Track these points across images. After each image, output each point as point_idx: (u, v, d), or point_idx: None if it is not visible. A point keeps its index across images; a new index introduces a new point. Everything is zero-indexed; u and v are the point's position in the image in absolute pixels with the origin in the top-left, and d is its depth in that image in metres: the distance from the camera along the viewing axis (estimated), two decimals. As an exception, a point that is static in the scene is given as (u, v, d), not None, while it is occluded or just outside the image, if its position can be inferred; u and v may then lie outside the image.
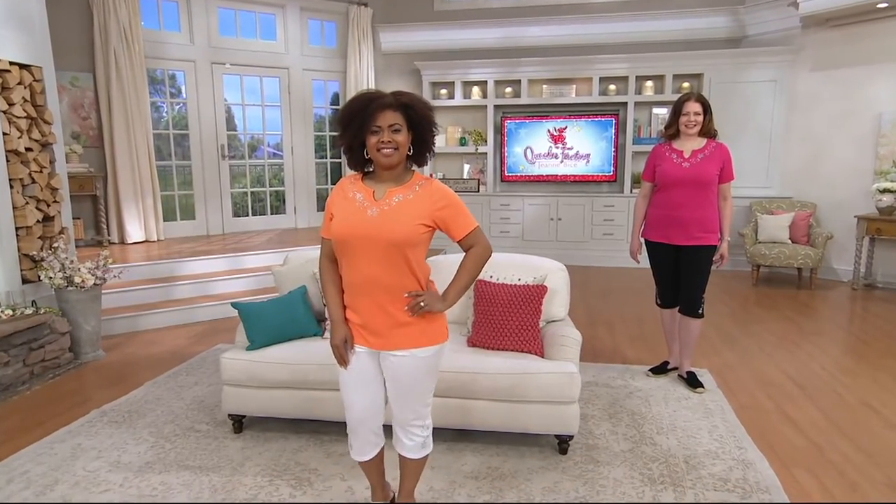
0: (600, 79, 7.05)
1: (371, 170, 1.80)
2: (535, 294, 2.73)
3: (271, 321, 2.77)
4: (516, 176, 7.42)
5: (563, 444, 2.57)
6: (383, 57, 7.73)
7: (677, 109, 3.22)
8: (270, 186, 7.44)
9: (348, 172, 1.90)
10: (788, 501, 2.19)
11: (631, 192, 7.04)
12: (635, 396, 3.18)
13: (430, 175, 7.48)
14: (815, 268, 5.84)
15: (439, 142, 7.64)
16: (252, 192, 7.31)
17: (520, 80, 7.21)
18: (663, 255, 3.31)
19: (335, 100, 7.82)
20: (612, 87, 7.08)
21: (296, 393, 2.66)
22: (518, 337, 2.68)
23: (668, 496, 2.23)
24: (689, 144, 3.23)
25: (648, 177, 3.36)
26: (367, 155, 1.73)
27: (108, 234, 6.06)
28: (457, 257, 2.19)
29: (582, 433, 2.72)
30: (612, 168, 7.14)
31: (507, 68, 7.21)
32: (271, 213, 7.42)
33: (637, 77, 6.96)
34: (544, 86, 7.26)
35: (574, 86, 7.21)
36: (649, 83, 7.00)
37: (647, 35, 7.04)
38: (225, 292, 5.16)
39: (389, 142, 1.67)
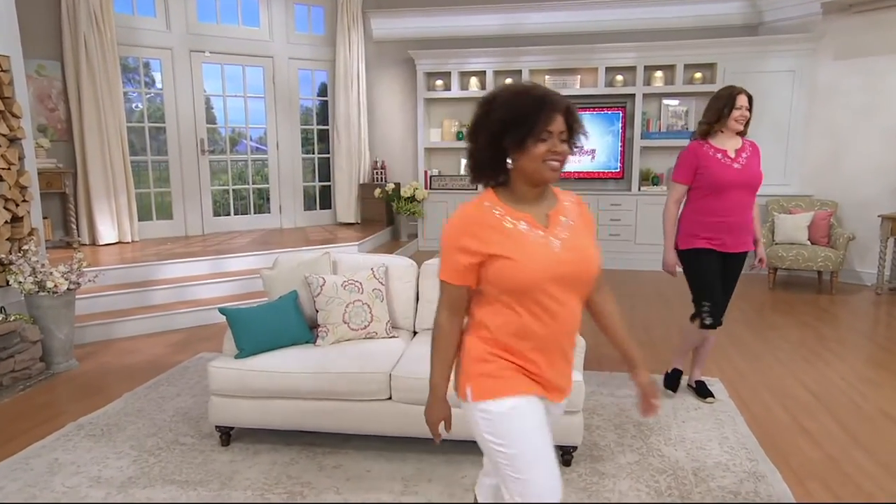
0: (606, 69, 7.18)
1: (495, 185, 1.58)
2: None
3: (262, 328, 2.86)
4: (517, 172, 7.52)
5: (566, 455, 2.67)
6: (375, 45, 7.83)
7: (730, 103, 3.12)
8: (254, 184, 7.53)
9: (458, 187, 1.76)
10: (789, 502, 2.30)
11: (639, 189, 7.17)
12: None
13: (426, 172, 7.61)
14: (836, 271, 5.97)
15: (434, 136, 7.77)
16: (234, 190, 7.40)
17: (520, 71, 7.33)
18: (715, 264, 3.18)
19: (322, 90, 7.92)
20: (619, 77, 7.21)
21: (288, 403, 2.75)
22: (520, 344, 2.77)
23: (676, 509, 2.34)
24: (731, 143, 3.20)
25: (687, 178, 3.21)
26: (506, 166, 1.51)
27: (79, 235, 6.13)
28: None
29: (586, 444, 2.82)
30: (618, 164, 7.27)
31: (507, 58, 7.33)
32: (255, 213, 7.51)
33: (646, 67, 7.09)
34: (547, 76, 7.38)
35: (578, 76, 7.33)
36: (659, 73, 7.13)
37: (657, 22, 7.18)
38: (206, 297, 5.25)
39: (560, 153, 1.48)
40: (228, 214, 7.37)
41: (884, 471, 2.64)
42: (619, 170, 7.28)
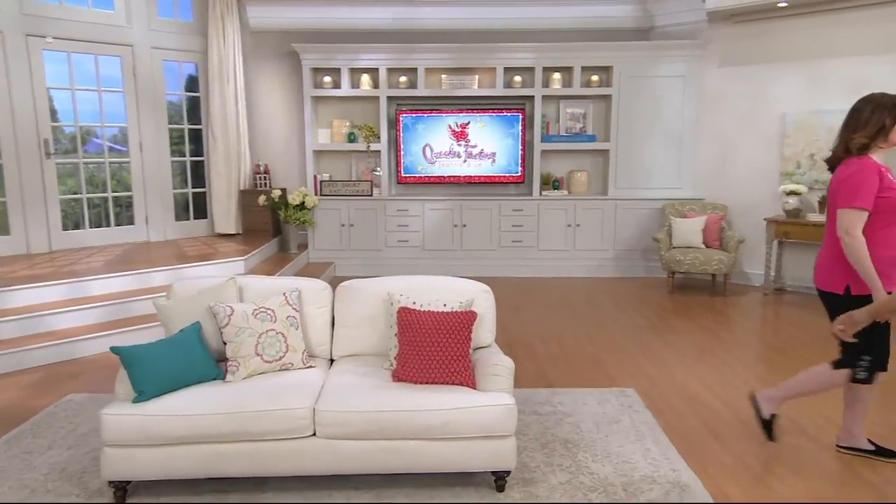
0: (505, 69, 7.54)
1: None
2: (464, 321, 3.00)
3: (163, 366, 2.79)
4: (414, 177, 7.71)
5: (499, 480, 2.85)
6: (252, 36, 7.68)
7: (894, 113, 2.87)
8: (114, 191, 7.11)
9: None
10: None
11: (541, 194, 7.59)
12: (565, 423, 3.55)
13: (315, 177, 7.58)
14: (729, 273, 6.70)
15: (323, 138, 7.76)
16: (88, 199, 6.94)
17: (416, 69, 7.52)
18: None
19: (191, 85, 7.64)
20: (518, 78, 7.60)
21: (197, 449, 2.71)
22: (448, 368, 2.93)
23: (612, 525, 2.59)
24: (882, 160, 2.95)
25: (871, 203, 2.83)
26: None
27: None
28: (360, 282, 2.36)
29: (517, 467, 3.02)
30: (519, 168, 7.66)
31: (401, 54, 7.48)
32: (116, 224, 7.09)
33: (544, 69, 7.53)
34: (443, 76, 7.62)
35: (476, 76, 7.64)
36: (557, 75, 7.60)
37: (554, 22, 7.65)
38: (64, 329, 4.93)
39: None
40: (83, 227, 6.90)
41: (791, 473, 3.06)
42: (520, 174, 7.66)
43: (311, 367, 3.15)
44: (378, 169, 7.72)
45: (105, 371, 4.47)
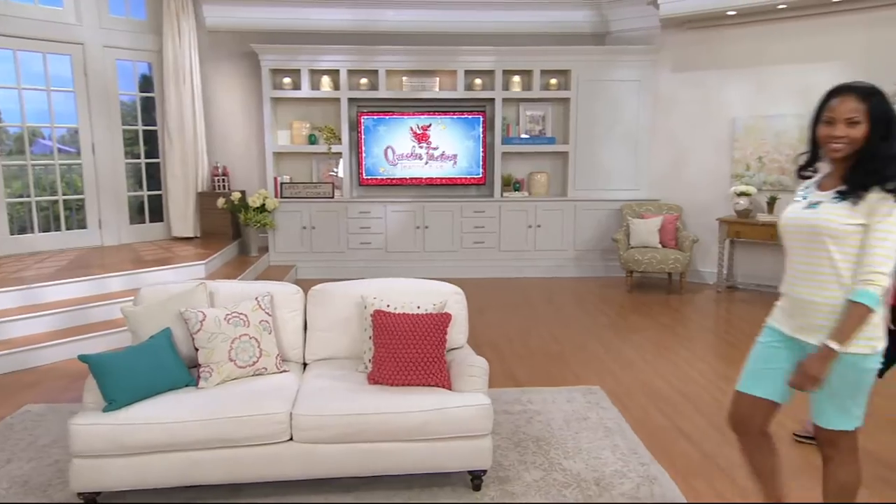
0: (465, 72, 7.59)
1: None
2: (439, 323, 3.03)
3: (134, 374, 2.74)
4: (376, 179, 7.70)
5: (476, 479, 2.89)
6: (209, 35, 7.55)
7: None
8: (64, 194, 6.88)
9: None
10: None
11: (502, 196, 7.68)
12: (536, 421, 3.62)
13: (275, 179, 7.50)
14: (684, 272, 6.90)
15: (282, 139, 7.68)
16: (37, 202, 6.70)
17: (377, 71, 7.51)
18: None
19: (145, 85, 7.46)
20: (478, 81, 7.67)
21: (171, 457, 2.67)
22: (424, 370, 2.95)
23: (587, 520, 2.66)
24: None
25: None
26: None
27: None
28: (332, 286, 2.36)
29: (492, 466, 3.06)
30: (480, 170, 7.73)
31: (362, 56, 7.46)
32: (67, 228, 6.87)
33: (504, 71, 7.62)
34: (404, 78, 7.63)
35: (437, 79, 7.67)
36: (516, 78, 7.70)
37: (514, 26, 7.75)
38: (16, 337, 4.76)
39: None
40: (32, 231, 6.66)
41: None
42: (481, 175, 7.73)
43: (285, 371, 3.13)
44: (335, 170, 7.68)
45: (63, 380, 4.34)
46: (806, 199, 2.24)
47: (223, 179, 7.64)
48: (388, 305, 3.14)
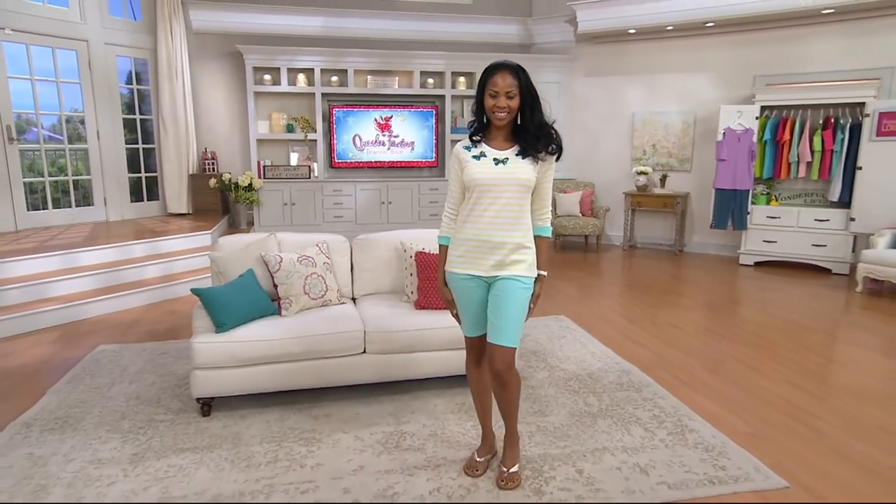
0: (421, 72, 7.82)
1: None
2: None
3: (236, 303, 2.90)
4: (346, 163, 7.82)
5: (500, 377, 3.26)
6: (197, 36, 7.36)
7: None
8: (74, 175, 6.56)
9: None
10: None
11: (452, 176, 7.99)
12: (527, 340, 4.01)
13: (259, 162, 7.46)
14: (599, 235, 7.53)
15: (262, 128, 7.64)
16: (51, 182, 6.36)
17: (346, 70, 7.60)
18: None
19: (134, 78, 7.16)
20: (431, 80, 7.92)
21: (272, 367, 2.87)
22: (458, 296, 3.27)
23: (593, 400, 3.08)
24: None
25: None
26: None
27: None
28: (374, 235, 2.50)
29: (507, 369, 3.44)
30: (434, 155, 8.01)
31: (332, 57, 7.52)
32: (76, 206, 6.57)
33: (453, 73, 7.91)
34: (369, 76, 7.77)
35: (397, 78, 7.86)
36: (462, 78, 8.01)
37: (460, 35, 8.05)
38: (65, 294, 4.66)
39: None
40: (46, 208, 6.32)
41: (691, 359, 3.73)
42: (434, 159, 8.02)
43: (343, 302, 3.36)
44: (296, 149, 7.69)
45: (118, 328, 4.32)
46: (487, 157, 2.22)
47: (212, 163, 7.51)
48: (423, 249, 3.42)
